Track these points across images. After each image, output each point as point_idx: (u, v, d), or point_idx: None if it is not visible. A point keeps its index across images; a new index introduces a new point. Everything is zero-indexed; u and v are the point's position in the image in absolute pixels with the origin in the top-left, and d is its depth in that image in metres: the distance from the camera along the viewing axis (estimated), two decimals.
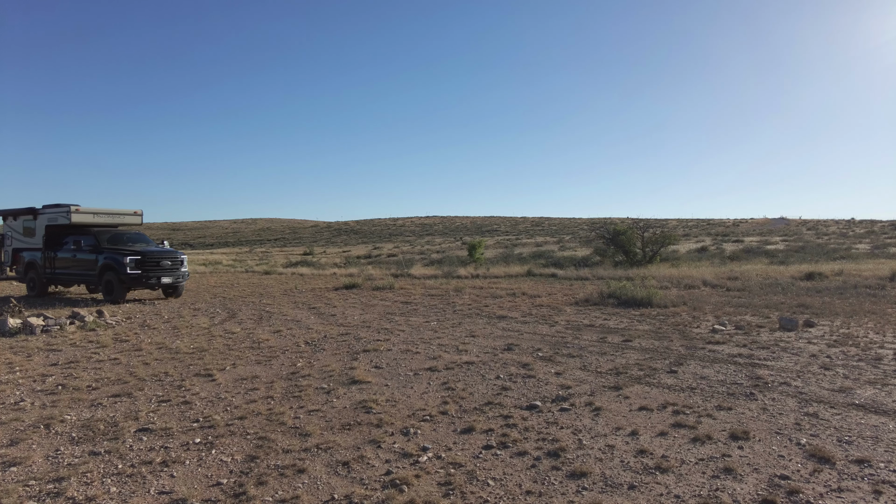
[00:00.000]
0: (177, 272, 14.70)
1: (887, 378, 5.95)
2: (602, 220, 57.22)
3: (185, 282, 15.25)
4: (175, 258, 14.72)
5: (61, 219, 15.27)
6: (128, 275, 13.65)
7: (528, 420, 4.80)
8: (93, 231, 15.15)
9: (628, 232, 24.91)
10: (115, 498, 3.46)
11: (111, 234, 15.25)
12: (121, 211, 16.43)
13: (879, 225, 49.41)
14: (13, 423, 4.79)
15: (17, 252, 16.82)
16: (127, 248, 14.51)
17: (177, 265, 14.73)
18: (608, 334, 8.78)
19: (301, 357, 7.39)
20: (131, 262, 13.71)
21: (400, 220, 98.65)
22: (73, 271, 15.21)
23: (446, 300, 13.65)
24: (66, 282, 15.88)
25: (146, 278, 13.95)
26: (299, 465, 3.89)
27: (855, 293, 12.93)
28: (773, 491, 3.45)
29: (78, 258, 14.89)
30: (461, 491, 3.50)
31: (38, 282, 16.02)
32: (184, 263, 15.01)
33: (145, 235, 16.28)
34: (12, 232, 17.04)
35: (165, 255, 14.52)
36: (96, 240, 14.70)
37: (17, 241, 16.89)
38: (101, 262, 14.17)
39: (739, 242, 36.60)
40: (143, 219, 17.07)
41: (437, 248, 46.55)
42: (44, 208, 16.02)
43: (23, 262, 16.54)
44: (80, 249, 14.68)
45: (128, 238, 15.47)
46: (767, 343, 7.89)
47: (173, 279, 14.60)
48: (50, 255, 15.62)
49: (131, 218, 16.85)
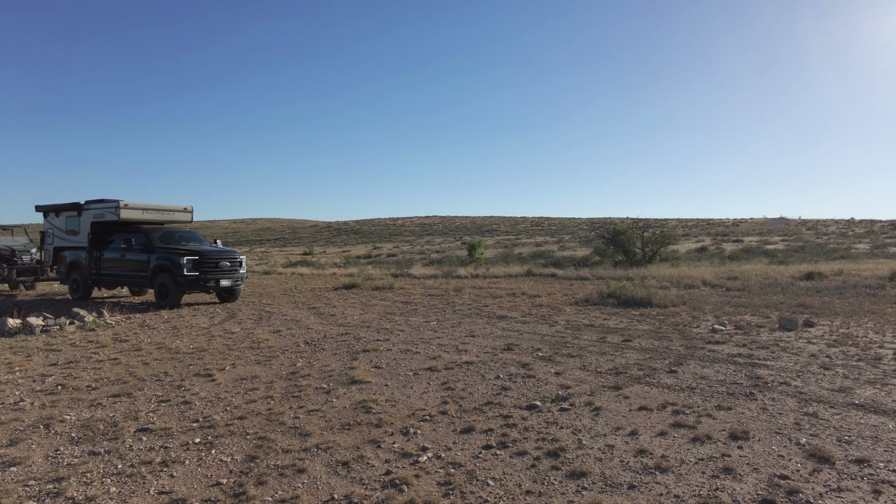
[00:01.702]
0: (235, 274, 13.47)
1: (887, 378, 5.95)
2: (602, 220, 57.23)
3: (242, 285, 14.12)
4: (234, 259, 13.51)
5: (109, 215, 13.98)
6: (184, 277, 12.44)
7: (527, 420, 4.80)
8: (143, 229, 14.00)
9: (628, 232, 24.92)
10: (114, 498, 3.46)
11: (163, 232, 14.16)
12: (171, 207, 15.14)
13: (879, 225, 49.42)
14: (13, 423, 4.79)
15: (59, 251, 15.50)
16: (181, 247, 13.35)
17: (235, 266, 13.50)
18: (608, 334, 8.78)
19: (301, 357, 7.39)
20: (188, 263, 12.48)
21: (400, 220, 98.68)
22: (120, 272, 14.00)
23: (446, 300, 13.65)
24: (111, 284, 14.77)
25: (204, 281, 12.72)
26: (299, 465, 3.89)
27: (854, 293, 12.93)
28: (773, 491, 3.45)
29: (127, 258, 13.67)
30: (461, 491, 3.50)
31: (83, 284, 14.76)
32: (242, 265, 13.75)
33: (197, 234, 15.10)
34: (54, 229, 15.73)
35: (224, 256, 13.32)
36: (148, 238, 13.45)
37: (59, 239, 15.57)
38: (153, 262, 12.98)
39: (739, 242, 36.61)
40: (193, 216, 15.81)
41: (437, 247, 46.56)
42: (88, 204, 14.67)
43: (65, 263, 15.19)
44: (131, 249, 13.36)
45: (179, 237, 14.32)
46: (767, 343, 7.89)
47: (232, 282, 13.38)
48: (95, 255, 14.36)
49: (181, 215, 15.54)
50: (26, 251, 17.17)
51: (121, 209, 13.70)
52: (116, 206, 13.73)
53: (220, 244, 14.98)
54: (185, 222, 15.90)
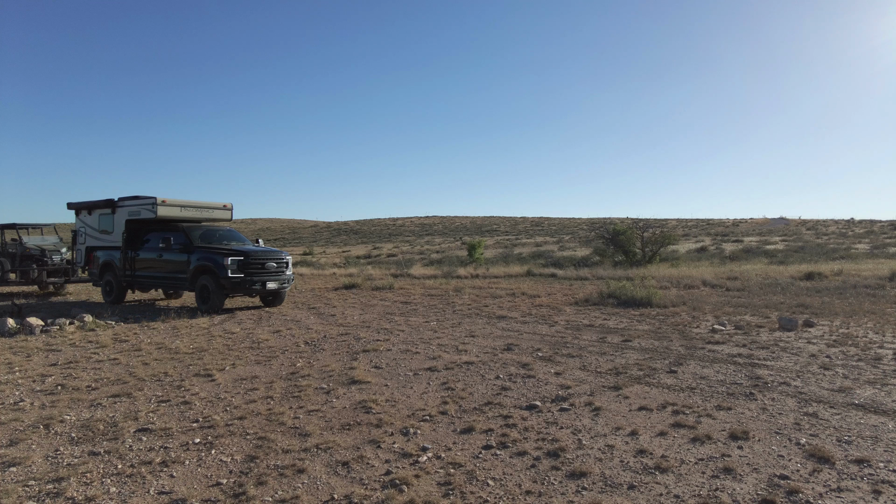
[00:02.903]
0: (282, 276, 12.52)
1: (887, 378, 5.95)
2: (602, 220, 57.25)
3: (289, 287, 13.09)
4: (280, 259, 12.56)
5: (145, 212, 13.10)
6: (228, 279, 11.51)
7: (527, 420, 4.80)
8: (182, 227, 13.07)
9: (628, 232, 24.93)
10: (114, 498, 3.45)
11: (203, 231, 13.19)
12: (210, 204, 14.16)
13: (879, 225, 49.44)
14: (13, 424, 4.79)
15: (91, 251, 14.66)
16: (224, 246, 12.40)
17: (282, 267, 12.55)
18: (608, 334, 8.78)
19: (301, 357, 7.39)
20: (233, 264, 11.54)
21: (400, 220, 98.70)
22: (157, 274, 13.07)
23: (446, 300, 13.65)
24: (146, 286, 13.83)
25: (249, 283, 11.77)
26: (299, 465, 3.89)
27: (854, 293, 12.94)
28: (773, 491, 3.45)
29: (164, 259, 12.73)
30: (461, 491, 3.50)
31: (116, 286, 13.88)
32: (289, 265, 12.84)
33: (238, 232, 14.09)
34: (86, 228, 14.90)
35: (270, 256, 12.36)
36: (187, 237, 12.54)
37: (92, 238, 14.73)
38: (194, 263, 12.02)
39: (739, 242, 36.62)
40: (233, 214, 14.73)
41: (437, 248, 46.56)
42: (122, 200, 13.83)
43: (97, 263, 14.33)
44: (169, 248, 12.39)
45: (220, 235, 13.33)
46: (767, 343, 7.90)
47: (279, 284, 12.39)
48: (130, 255, 13.48)
49: (221, 212, 14.45)
50: (56, 251, 16.51)
51: (158, 206, 12.80)
52: (153, 203, 12.84)
53: (261, 243, 14.14)
54: (225, 220, 14.87)
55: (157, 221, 13.48)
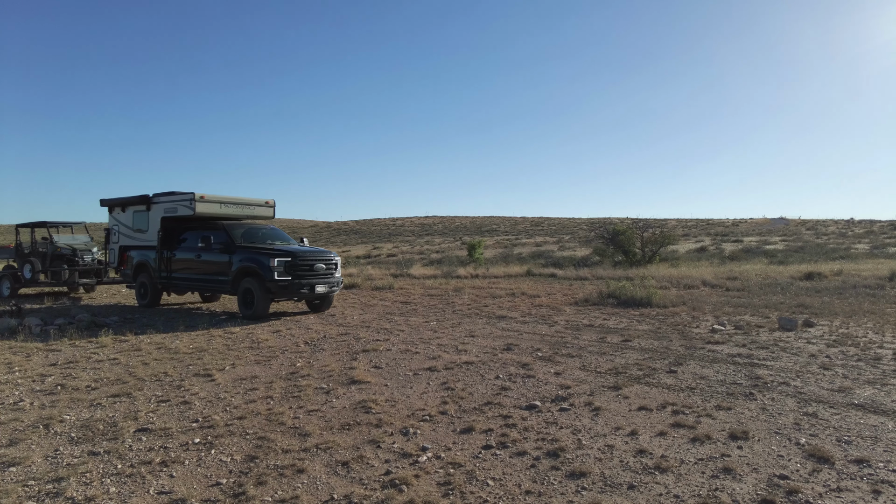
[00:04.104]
0: (331, 278, 11.49)
1: (886, 378, 5.96)
2: (601, 220, 57.24)
3: (337, 291, 11.99)
4: (329, 260, 11.52)
5: (182, 209, 12.24)
6: (275, 282, 10.54)
7: (527, 420, 4.80)
8: (223, 225, 12.14)
9: (628, 232, 24.95)
10: (114, 498, 3.45)
11: (245, 230, 12.27)
12: (251, 200, 13.24)
13: (878, 225, 49.42)
14: (12, 424, 4.79)
15: (125, 250, 13.85)
16: (270, 246, 11.47)
17: (331, 269, 11.53)
18: (607, 334, 8.78)
19: (300, 357, 7.39)
20: (280, 266, 10.57)
21: (399, 220, 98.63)
22: (195, 276, 12.14)
23: (446, 300, 13.65)
24: (183, 288, 12.97)
25: (297, 286, 10.75)
26: (299, 465, 3.89)
27: (854, 293, 12.94)
28: (773, 491, 3.45)
29: (203, 259, 11.81)
30: (460, 491, 3.50)
31: (151, 288, 13.04)
32: (338, 267, 11.83)
33: (281, 231, 13.15)
34: (119, 226, 14.05)
35: (319, 257, 11.36)
36: (229, 236, 11.60)
37: (126, 236, 13.88)
38: (236, 264, 11.03)
39: (739, 242, 36.62)
40: (275, 211, 13.76)
41: (437, 248, 46.55)
42: (157, 196, 13.00)
43: (131, 264, 13.54)
44: (209, 248, 11.55)
45: (264, 234, 12.46)
46: (767, 343, 7.90)
47: (328, 287, 11.31)
48: (166, 255, 12.63)
49: (262, 209, 13.49)
50: (87, 250, 15.88)
51: (196, 202, 11.91)
52: (191, 199, 11.96)
53: (306, 242, 13.15)
54: (267, 218, 13.88)
55: (195, 219, 12.64)
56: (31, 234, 16.29)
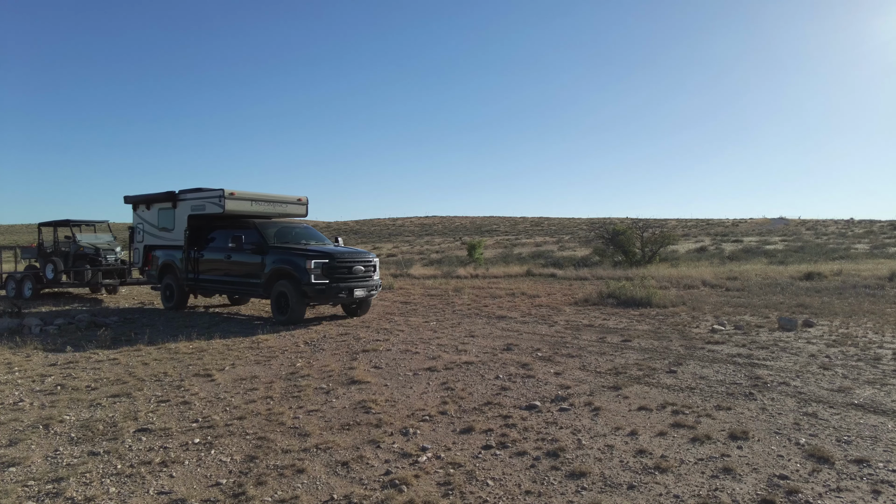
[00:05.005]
0: (370, 281, 10.72)
1: (886, 378, 5.96)
2: (601, 220, 57.22)
3: (376, 294, 11.29)
4: (368, 262, 10.76)
5: (211, 206, 11.51)
6: (311, 285, 9.81)
7: (527, 420, 4.80)
8: (254, 224, 11.28)
9: (627, 232, 24.97)
10: (114, 498, 3.45)
11: (278, 228, 11.51)
12: (283, 197, 12.49)
13: (878, 225, 49.45)
14: (12, 424, 4.79)
15: (150, 250, 13.13)
16: (305, 247, 10.74)
17: (370, 271, 10.78)
18: (607, 334, 8.78)
19: (300, 357, 7.39)
20: (317, 268, 9.85)
21: (399, 220, 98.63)
22: (224, 277, 11.41)
23: (446, 300, 13.66)
24: (211, 290, 12.18)
25: (335, 290, 9.99)
26: (298, 465, 3.89)
27: (854, 293, 12.95)
28: (773, 491, 3.45)
29: (234, 260, 11.08)
30: (460, 491, 3.50)
31: (177, 290, 12.29)
32: (376, 269, 11.09)
33: (315, 230, 12.43)
34: (144, 224, 13.33)
35: (358, 258, 10.60)
36: (261, 236, 10.85)
37: (150, 235, 13.15)
38: (269, 266, 10.34)
39: (738, 242, 36.63)
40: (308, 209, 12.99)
41: (437, 248, 46.55)
42: (182, 193, 12.29)
43: (157, 264, 12.80)
44: (240, 248, 10.74)
45: (297, 234, 11.72)
46: (766, 343, 7.90)
47: (367, 291, 10.54)
48: (193, 256, 11.93)
49: (295, 207, 12.72)
50: (111, 250, 15.32)
51: (226, 199, 11.20)
52: (220, 196, 11.24)
53: (341, 242, 12.31)
54: (300, 216, 13.16)
55: (224, 217, 11.91)
56: (54, 233, 15.76)
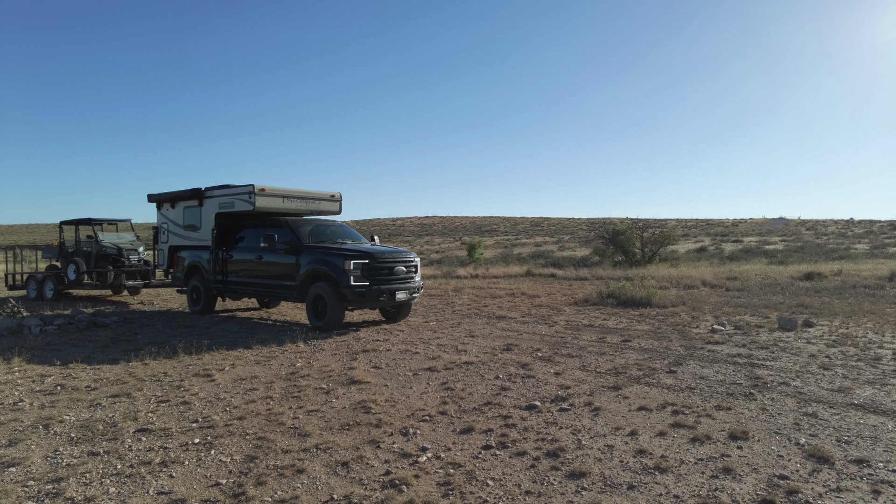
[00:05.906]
0: (412, 283, 9.92)
1: (886, 378, 5.96)
2: (601, 220, 57.20)
3: (417, 297, 10.36)
4: (409, 262, 10.00)
5: (240, 204, 10.78)
6: (351, 287, 9.05)
7: (527, 420, 4.80)
8: (287, 222, 10.45)
9: (627, 232, 24.97)
10: (114, 498, 3.45)
11: (312, 227, 10.67)
12: (316, 194, 11.74)
13: (878, 225, 49.45)
14: (12, 424, 4.79)
15: (175, 251, 12.50)
16: (341, 246, 9.95)
17: (411, 272, 10.01)
18: (607, 334, 8.78)
19: (300, 357, 7.39)
20: (356, 269, 9.09)
21: (399, 220, 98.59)
22: (255, 279, 10.66)
23: (445, 300, 13.66)
24: (240, 293, 11.40)
25: (376, 293, 9.23)
26: (298, 465, 3.89)
27: (854, 293, 12.95)
28: (773, 491, 3.45)
29: (265, 261, 10.36)
30: (460, 491, 3.50)
31: (205, 293, 11.59)
32: (417, 270, 10.28)
33: (351, 228, 11.54)
34: (169, 224, 12.68)
35: (399, 258, 9.83)
36: (295, 234, 10.08)
37: (176, 235, 12.50)
38: (305, 267, 9.59)
39: (738, 242, 36.64)
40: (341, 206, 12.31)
41: (437, 248, 46.56)
42: (209, 190, 11.63)
43: (182, 265, 12.14)
44: (272, 248, 10.00)
45: (332, 232, 10.88)
46: (766, 343, 7.90)
47: (408, 294, 9.78)
48: (221, 256, 11.22)
49: (328, 204, 12.01)
50: (134, 250, 14.77)
51: (256, 196, 10.48)
52: (250, 193, 10.53)
53: (377, 241, 11.38)
54: (333, 214, 12.41)
55: (254, 215, 11.15)
56: (76, 232, 15.28)
